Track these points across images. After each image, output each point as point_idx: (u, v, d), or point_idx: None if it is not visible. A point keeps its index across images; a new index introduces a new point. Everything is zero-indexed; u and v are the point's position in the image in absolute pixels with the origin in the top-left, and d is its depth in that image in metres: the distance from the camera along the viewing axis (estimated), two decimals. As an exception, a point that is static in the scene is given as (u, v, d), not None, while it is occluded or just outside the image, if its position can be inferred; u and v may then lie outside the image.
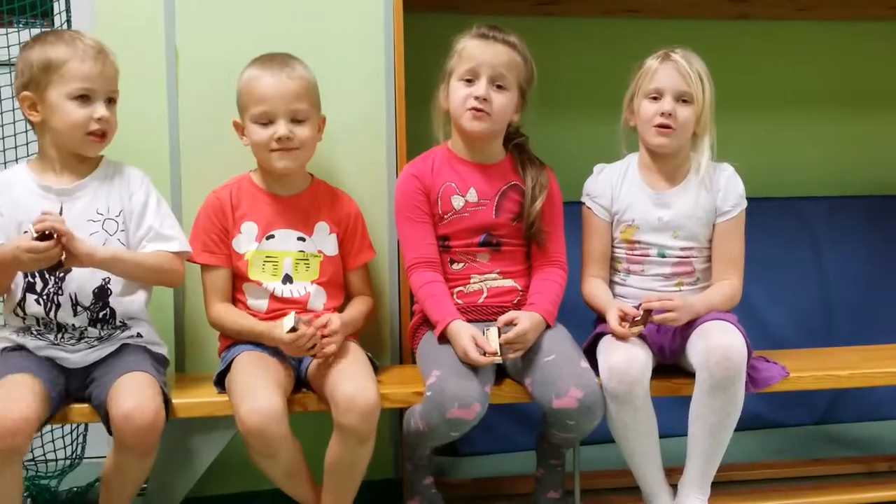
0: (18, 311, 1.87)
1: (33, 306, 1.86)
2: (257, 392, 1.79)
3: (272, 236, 2.01)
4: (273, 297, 2.00)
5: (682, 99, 2.04)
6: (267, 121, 1.96)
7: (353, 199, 2.11)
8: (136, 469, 1.79)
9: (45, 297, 1.86)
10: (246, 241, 2.01)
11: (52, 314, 1.86)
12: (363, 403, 1.80)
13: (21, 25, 2.24)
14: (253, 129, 1.98)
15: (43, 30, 2.02)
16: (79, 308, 1.87)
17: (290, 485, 1.91)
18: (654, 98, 2.06)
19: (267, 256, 2.01)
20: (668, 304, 1.95)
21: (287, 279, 2.01)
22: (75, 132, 1.85)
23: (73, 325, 1.87)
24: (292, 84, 1.97)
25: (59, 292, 1.86)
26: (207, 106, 2.09)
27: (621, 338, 1.95)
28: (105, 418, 1.78)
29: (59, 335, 1.87)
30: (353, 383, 1.82)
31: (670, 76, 2.04)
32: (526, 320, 1.93)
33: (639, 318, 1.95)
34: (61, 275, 1.84)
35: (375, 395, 1.82)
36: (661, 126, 2.04)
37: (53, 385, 1.80)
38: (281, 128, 1.95)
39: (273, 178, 2.03)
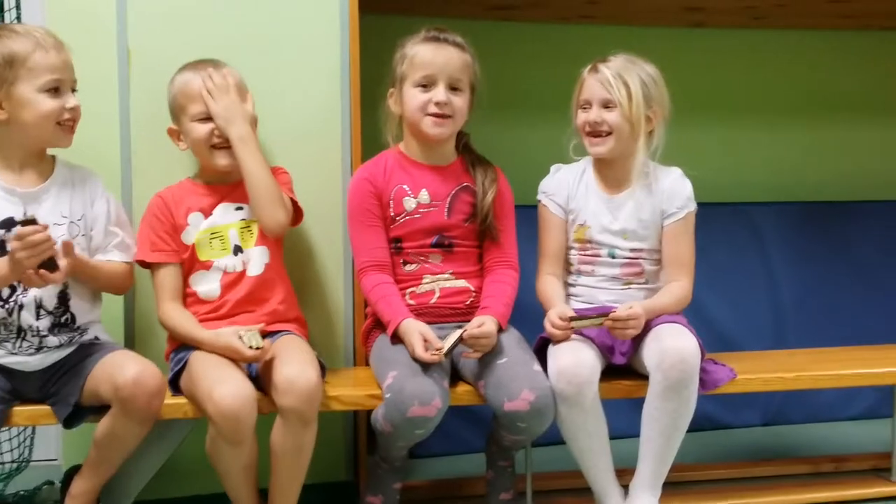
0: None
1: None
2: (228, 378, 1.80)
3: (212, 214, 2.02)
4: (225, 274, 1.99)
5: (606, 105, 2.07)
6: (206, 117, 1.98)
7: (283, 168, 2.09)
8: (135, 434, 1.83)
9: (10, 302, 1.84)
10: (194, 229, 2.01)
11: (14, 316, 1.84)
12: (304, 384, 1.80)
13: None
14: (193, 128, 1.98)
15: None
16: (42, 311, 1.86)
17: (241, 481, 1.88)
18: (585, 108, 2.10)
19: (212, 233, 2.01)
20: (633, 314, 1.95)
21: (237, 249, 2.01)
22: (47, 124, 1.84)
23: (36, 327, 1.85)
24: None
25: (24, 294, 1.84)
26: (159, 106, 2.06)
27: (553, 336, 1.98)
28: (74, 410, 1.82)
29: (19, 342, 1.85)
30: (293, 367, 1.82)
31: (593, 86, 2.09)
32: (490, 323, 1.94)
33: (586, 320, 1.97)
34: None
35: (316, 377, 1.82)
36: (590, 134, 2.09)
37: None
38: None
39: (214, 175, 2.04)
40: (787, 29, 2.93)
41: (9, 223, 1.83)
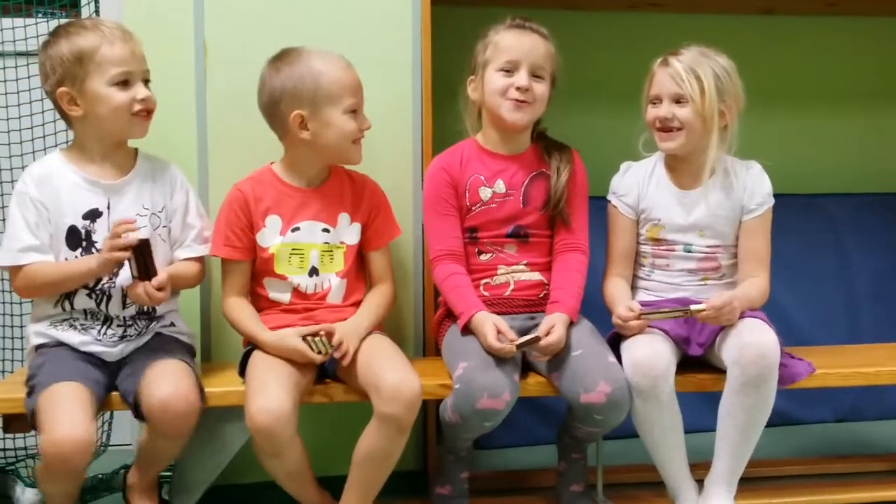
0: (66, 304, 1.89)
1: (83, 301, 1.89)
2: (269, 391, 1.80)
3: (297, 228, 2.00)
4: (296, 291, 2.00)
5: (678, 100, 2.02)
6: (354, 109, 1.95)
7: (373, 181, 2.08)
8: (171, 449, 1.86)
9: (97, 291, 1.89)
10: (270, 234, 1.99)
11: (102, 306, 1.89)
12: (408, 393, 1.81)
13: (42, 17, 2.24)
14: (343, 120, 1.94)
15: (60, 21, 2.02)
16: (128, 300, 1.89)
17: (292, 485, 1.92)
18: (655, 103, 2.06)
19: (293, 249, 2.00)
20: (725, 301, 1.91)
21: (314, 271, 2.00)
22: (121, 116, 1.86)
23: (122, 316, 1.90)
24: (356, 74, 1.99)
25: (112, 284, 1.88)
26: (236, 98, 2.10)
27: (627, 329, 1.96)
28: (134, 405, 1.81)
29: (105, 329, 1.89)
30: (398, 373, 1.83)
31: (664, 80, 2.03)
32: (561, 326, 1.93)
33: (659, 313, 1.95)
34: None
35: (419, 385, 1.83)
36: (661, 130, 2.05)
37: (97, 387, 1.82)
38: (365, 120, 1.98)
39: (297, 169, 2.02)
40: (859, 16, 2.85)
41: (93, 214, 1.88)
